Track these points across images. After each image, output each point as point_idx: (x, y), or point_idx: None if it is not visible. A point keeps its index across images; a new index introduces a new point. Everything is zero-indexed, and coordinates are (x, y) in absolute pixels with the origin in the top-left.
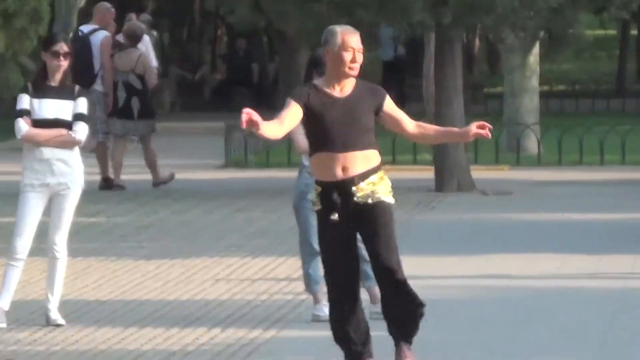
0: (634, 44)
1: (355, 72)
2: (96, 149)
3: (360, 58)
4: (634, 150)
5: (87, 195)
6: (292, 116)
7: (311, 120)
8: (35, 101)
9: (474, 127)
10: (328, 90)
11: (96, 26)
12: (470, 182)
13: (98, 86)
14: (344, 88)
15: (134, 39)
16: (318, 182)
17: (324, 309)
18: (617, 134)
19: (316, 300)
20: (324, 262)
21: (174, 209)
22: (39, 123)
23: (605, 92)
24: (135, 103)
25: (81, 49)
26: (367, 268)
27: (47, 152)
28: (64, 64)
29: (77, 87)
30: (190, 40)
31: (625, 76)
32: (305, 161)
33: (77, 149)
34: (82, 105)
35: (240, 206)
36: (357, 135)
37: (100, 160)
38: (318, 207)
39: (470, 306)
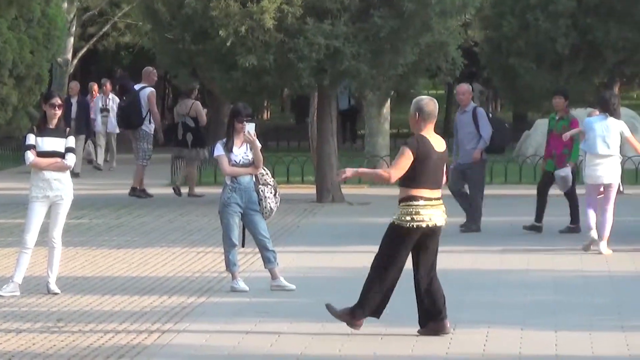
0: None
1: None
2: (137, 169)
3: None
4: None
5: (75, 203)
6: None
7: None
8: (39, 139)
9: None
10: None
11: (145, 84)
12: (340, 195)
13: (145, 127)
14: None
15: (189, 92)
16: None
17: (239, 283)
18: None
19: (233, 277)
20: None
21: (135, 214)
22: (42, 154)
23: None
24: (189, 136)
25: (133, 100)
26: (268, 254)
27: (47, 174)
28: (59, 112)
29: (68, 129)
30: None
31: (450, 121)
32: (227, 180)
33: (68, 172)
34: (71, 141)
35: (181, 212)
36: None
37: (137, 176)
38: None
39: (340, 282)
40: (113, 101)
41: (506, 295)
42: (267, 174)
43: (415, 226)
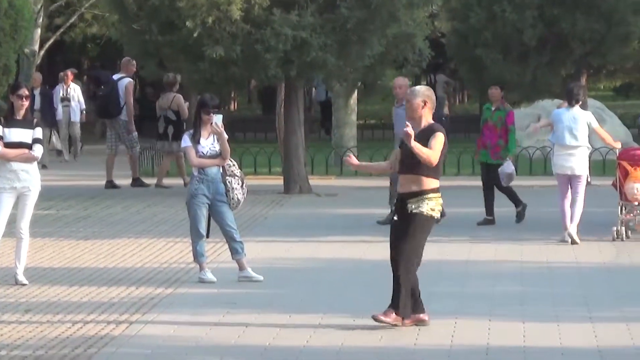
0: None
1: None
2: (131, 160)
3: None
4: None
5: (42, 195)
6: None
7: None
8: (6, 130)
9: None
10: None
11: (123, 74)
12: (308, 187)
13: (123, 116)
14: None
15: (171, 85)
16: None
17: (206, 274)
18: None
19: (201, 268)
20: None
21: (103, 205)
22: (9, 145)
23: None
24: (170, 129)
25: (111, 90)
26: (235, 245)
27: (15, 165)
28: (26, 103)
29: (35, 119)
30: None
31: None
32: (195, 171)
33: (35, 163)
34: (38, 132)
35: (149, 203)
36: None
37: (132, 166)
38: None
39: (308, 272)
40: (74, 90)
41: (474, 286)
42: (234, 165)
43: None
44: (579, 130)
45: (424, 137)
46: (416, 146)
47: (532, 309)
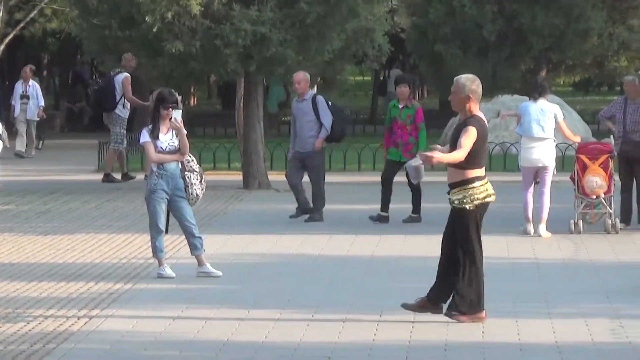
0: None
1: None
2: (108, 153)
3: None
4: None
5: (1, 190)
6: None
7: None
8: None
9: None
10: None
11: (121, 69)
12: (267, 182)
13: (118, 111)
14: None
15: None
16: None
17: (165, 269)
18: (370, 150)
19: (160, 263)
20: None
21: (63, 200)
22: None
23: (362, 120)
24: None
25: (107, 84)
26: (194, 241)
27: None
28: None
29: None
30: (74, 82)
31: (376, 109)
32: (154, 167)
33: None
34: None
35: (108, 198)
36: None
37: (107, 161)
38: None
39: (267, 267)
40: (34, 87)
41: (432, 282)
42: (192, 160)
43: (490, 201)
44: (547, 122)
45: (458, 132)
46: (441, 159)
47: (491, 304)
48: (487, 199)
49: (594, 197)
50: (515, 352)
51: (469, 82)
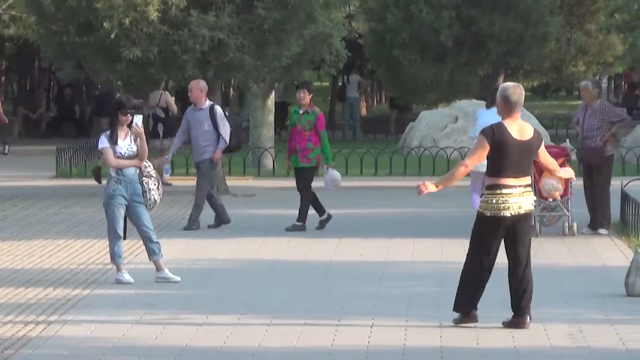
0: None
1: None
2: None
3: None
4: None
5: None
6: None
7: None
8: None
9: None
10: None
11: None
12: (225, 187)
13: None
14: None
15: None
16: None
17: (123, 275)
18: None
19: (118, 269)
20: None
21: (21, 206)
22: None
23: None
24: (160, 127)
25: (109, 90)
26: (152, 246)
27: None
28: None
29: None
30: (32, 88)
31: (334, 115)
32: (112, 172)
33: None
34: None
35: (66, 204)
36: None
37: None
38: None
39: (225, 273)
40: None
41: (391, 287)
42: (149, 166)
43: (500, 215)
44: None
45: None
46: (443, 184)
47: (449, 310)
48: (509, 212)
49: (551, 199)
50: (476, 357)
51: (506, 89)
